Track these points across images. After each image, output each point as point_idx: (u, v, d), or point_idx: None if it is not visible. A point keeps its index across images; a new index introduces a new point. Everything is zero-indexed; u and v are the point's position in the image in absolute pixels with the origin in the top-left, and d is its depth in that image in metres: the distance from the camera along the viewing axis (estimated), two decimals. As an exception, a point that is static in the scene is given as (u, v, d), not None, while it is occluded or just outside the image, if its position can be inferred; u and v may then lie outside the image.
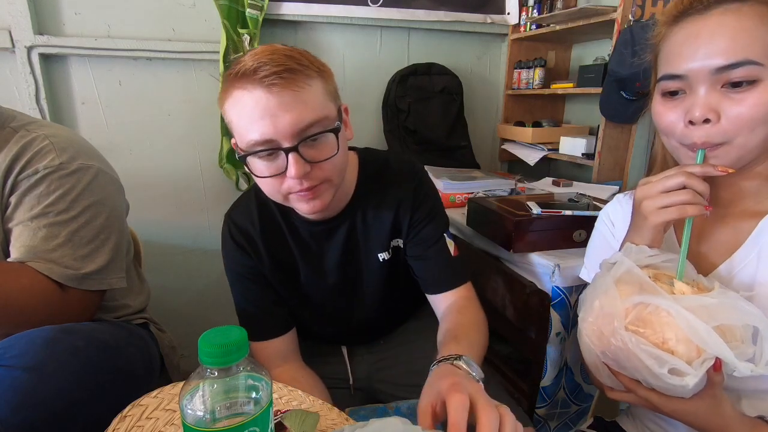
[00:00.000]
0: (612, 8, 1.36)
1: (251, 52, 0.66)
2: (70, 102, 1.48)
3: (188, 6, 1.52)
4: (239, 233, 0.82)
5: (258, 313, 0.84)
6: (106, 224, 0.83)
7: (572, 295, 1.00)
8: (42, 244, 0.75)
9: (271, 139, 0.64)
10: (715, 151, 0.56)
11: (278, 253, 0.83)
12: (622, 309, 0.53)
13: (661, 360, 0.49)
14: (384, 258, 0.86)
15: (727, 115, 0.54)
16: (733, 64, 0.53)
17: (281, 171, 0.66)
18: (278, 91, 0.63)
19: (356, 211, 0.83)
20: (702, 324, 0.48)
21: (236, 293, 0.85)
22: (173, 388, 0.59)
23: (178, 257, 1.70)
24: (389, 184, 0.83)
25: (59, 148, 0.79)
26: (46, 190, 0.76)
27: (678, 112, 0.58)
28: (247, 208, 0.83)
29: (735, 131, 0.55)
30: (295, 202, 0.71)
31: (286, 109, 0.63)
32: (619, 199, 0.80)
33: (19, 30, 1.35)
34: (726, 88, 0.54)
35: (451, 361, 0.63)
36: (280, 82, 0.62)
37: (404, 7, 1.69)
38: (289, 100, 0.63)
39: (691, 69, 0.56)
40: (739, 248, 0.60)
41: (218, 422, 0.38)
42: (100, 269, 0.80)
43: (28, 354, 0.63)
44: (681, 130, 0.58)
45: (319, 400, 0.64)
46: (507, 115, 1.94)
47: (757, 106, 0.53)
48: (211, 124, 1.58)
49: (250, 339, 0.82)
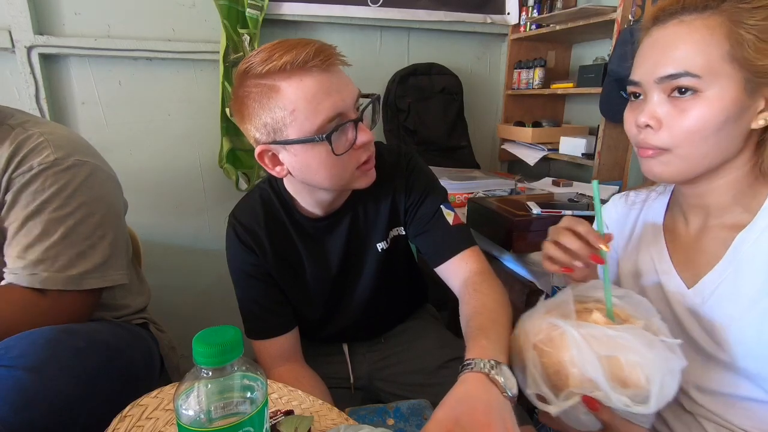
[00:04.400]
0: (612, 8, 1.36)
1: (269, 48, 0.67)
2: (70, 102, 1.49)
3: (188, 6, 1.52)
4: (245, 232, 0.82)
5: (262, 312, 0.85)
6: (103, 221, 0.83)
7: (572, 295, 1.00)
8: (37, 241, 0.75)
9: (341, 113, 0.68)
10: (660, 156, 0.59)
11: (283, 250, 0.84)
12: (537, 328, 0.55)
13: (536, 383, 0.53)
14: (382, 248, 0.88)
15: (670, 125, 0.57)
16: (672, 74, 0.55)
17: (353, 144, 0.70)
18: (335, 69, 0.68)
19: (357, 203, 0.85)
20: (589, 351, 0.49)
21: (240, 292, 0.86)
22: (173, 388, 0.59)
23: (178, 257, 1.70)
24: (384, 174, 0.84)
25: (55, 145, 0.79)
26: (41, 186, 0.76)
27: (634, 115, 0.61)
28: (252, 207, 0.85)
29: (676, 141, 0.56)
30: (358, 178, 0.75)
31: (345, 83, 0.69)
32: (614, 201, 0.81)
33: (19, 30, 1.35)
34: (673, 97, 0.56)
35: (487, 370, 0.57)
36: (329, 60, 0.67)
37: (404, 7, 1.69)
38: (342, 75, 0.70)
39: (642, 76, 0.59)
40: (720, 261, 0.61)
41: (213, 422, 0.38)
42: (97, 266, 0.80)
43: (29, 354, 0.63)
44: (633, 132, 0.62)
45: (319, 400, 0.64)
46: (507, 115, 1.94)
47: (698, 119, 0.54)
48: (211, 124, 1.58)
49: (253, 337, 0.84)
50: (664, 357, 0.49)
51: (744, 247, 0.58)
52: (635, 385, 0.48)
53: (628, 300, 0.57)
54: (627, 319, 0.55)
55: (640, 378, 0.48)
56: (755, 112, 0.55)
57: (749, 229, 0.58)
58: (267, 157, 0.73)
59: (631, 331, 0.50)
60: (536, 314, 0.58)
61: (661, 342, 0.51)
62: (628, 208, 0.77)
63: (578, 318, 0.55)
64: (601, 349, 0.49)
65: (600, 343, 0.49)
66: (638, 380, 0.48)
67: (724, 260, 0.60)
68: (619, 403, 0.48)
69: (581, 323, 0.53)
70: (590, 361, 0.49)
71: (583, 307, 0.57)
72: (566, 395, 0.50)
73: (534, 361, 0.53)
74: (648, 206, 0.74)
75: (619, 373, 0.49)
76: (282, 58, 0.64)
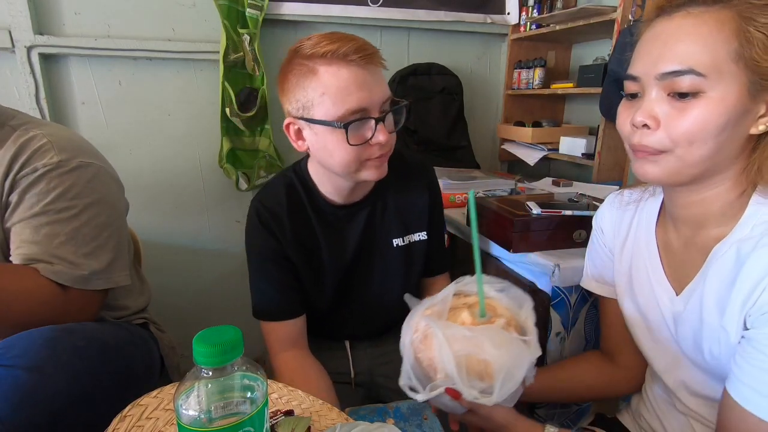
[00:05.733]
0: (612, 8, 1.36)
1: (322, 37, 0.73)
2: (70, 102, 1.49)
3: (188, 6, 1.52)
4: (267, 213, 0.86)
5: (273, 294, 0.88)
6: (108, 222, 0.83)
7: (572, 295, 1.00)
8: (45, 242, 0.75)
9: (364, 108, 0.73)
10: (655, 156, 0.56)
11: (302, 233, 0.88)
12: (416, 326, 0.62)
13: (408, 377, 0.61)
14: (398, 244, 0.94)
15: (668, 124, 0.54)
16: (677, 71, 0.52)
17: (367, 140, 0.75)
18: (372, 67, 0.74)
19: (377, 198, 0.92)
20: (448, 351, 0.57)
21: (254, 272, 0.89)
22: (173, 388, 0.59)
23: (178, 257, 1.70)
24: (407, 176, 0.94)
25: (58, 147, 0.79)
26: (45, 188, 0.76)
27: (629, 113, 0.58)
28: (275, 190, 0.89)
29: (673, 142, 0.54)
30: (368, 168, 0.79)
31: (377, 83, 0.75)
32: (610, 201, 0.80)
33: (19, 30, 1.35)
34: (672, 97, 0.53)
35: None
36: (369, 58, 0.73)
37: (404, 7, 1.69)
38: (378, 76, 0.75)
39: (641, 71, 0.56)
40: (699, 271, 0.60)
41: (214, 422, 0.38)
42: (104, 268, 0.80)
43: (28, 354, 0.63)
44: (627, 131, 0.59)
45: (319, 400, 0.64)
46: (507, 115, 1.94)
47: (698, 120, 0.52)
48: (211, 124, 1.58)
49: (260, 317, 0.88)
50: (511, 353, 0.58)
51: (714, 259, 0.58)
52: (488, 379, 0.57)
53: (507, 292, 0.66)
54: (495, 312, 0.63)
55: (490, 374, 0.57)
56: (756, 117, 0.53)
57: (724, 242, 0.57)
58: (293, 130, 0.80)
59: (486, 332, 0.59)
60: (417, 312, 0.64)
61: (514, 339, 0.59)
62: (623, 208, 0.76)
63: (450, 317, 0.63)
64: (459, 348, 0.58)
65: (459, 343, 0.58)
66: (489, 375, 0.57)
67: (701, 270, 0.60)
68: (470, 396, 0.57)
69: (448, 324, 0.61)
70: (448, 360, 0.58)
71: (462, 303, 0.65)
72: (431, 387, 0.59)
73: (409, 357, 0.61)
74: (641, 208, 0.73)
75: (475, 368, 0.58)
76: (327, 46, 0.71)
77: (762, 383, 0.50)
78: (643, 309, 0.70)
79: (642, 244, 0.71)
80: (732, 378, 0.54)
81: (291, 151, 1.72)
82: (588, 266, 0.84)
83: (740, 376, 0.53)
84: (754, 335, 0.52)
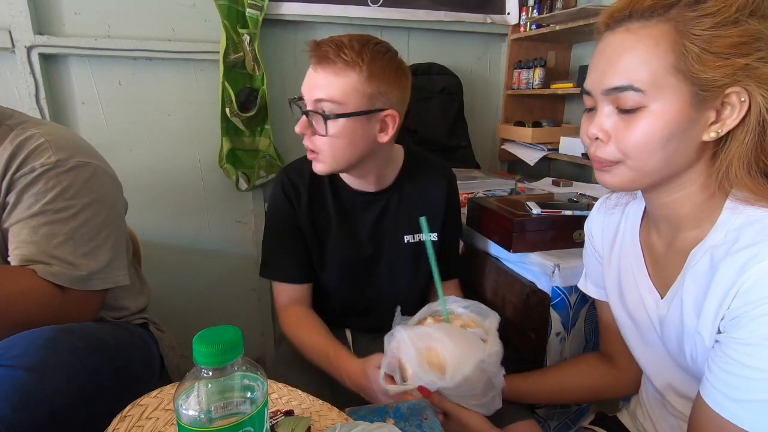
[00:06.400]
0: (612, 8, 1.36)
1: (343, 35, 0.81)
2: (70, 102, 1.49)
3: (188, 6, 1.52)
4: (289, 184, 0.94)
5: (281, 252, 0.96)
6: (107, 222, 0.83)
7: (572, 295, 1.00)
8: (43, 242, 0.75)
9: (301, 98, 0.83)
10: (610, 167, 0.57)
11: (318, 211, 0.95)
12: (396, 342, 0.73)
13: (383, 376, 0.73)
14: (408, 240, 0.98)
15: (617, 137, 0.55)
16: (617, 87, 0.53)
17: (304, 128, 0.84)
18: (322, 67, 0.79)
19: (394, 192, 0.97)
20: (410, 346, 0.69)
21: (267, 229, 0.98)
22: (173, 388, 0.59)
23: (178, 257, 1.70)
24: (427, 176, 0.99)
25: (56, 146, 0.78)
26: (43, 188, 0.76)
27: (586, 126, 0.59)
28: (301, 167, 0.96)
29: (624, 153, 0.55)
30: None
31: (316, 84, 0.79)
32: (599, 205, 0.80)
33: (19, 30, 1.35)
34: (619, 111, 0.55)
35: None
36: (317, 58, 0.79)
37: (404, 7, 1.69)
38: (327, 77, 0.78)
39: (591, 86, 0.57)
40: (679, 274, 0.61)
41: (214, 422, 0.38)
42: (102, 268, 0.80)
43: (28, 354, 0.63)
44: (586, 143, 0.60)
45: (319, 400, 0.64)
46: (507, 115, 1.94)
47: (643, 133, 0.53)
48: (211, 124, 1.58)
49: (265, 275, 0.97)
50: (462, 343, 0.68)
51: (692, 263, 0.58)
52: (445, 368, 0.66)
53: (472, 308, 0.78)
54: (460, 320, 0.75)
55: (446, 363, 0.66)
56: (705, 125, 0.52)
57: (699, 247, 0.57)
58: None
59: (442, 329, 0.70)
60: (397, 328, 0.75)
61: (467, 333, 0.71)
62: (610, 212, 0.76)
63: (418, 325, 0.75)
64: (420, 344, 0.68)
65: (421, 340, 0.69)
66: (445, 364, 0.66)
67: (681, 273, 0.60)
68: (430, 384, 0.67)
69: (414, 328, 0.73)
70: (410, 355, 0.68)
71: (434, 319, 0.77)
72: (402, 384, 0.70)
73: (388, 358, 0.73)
74: (627, 211, 0.74)
75: (435, 360, 0.67)
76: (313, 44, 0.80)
77: (731, 387, 0.51)
78: (632, 312, 0.70)
79: (628, 247, 0.71)
80: (704, 381, 0.55)
81: (291, 151, 1.72)
82: (586, 272, 0.85)
83: (711, 380, 0.53)
84: (725, 340, 0.52)
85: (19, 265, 0.74)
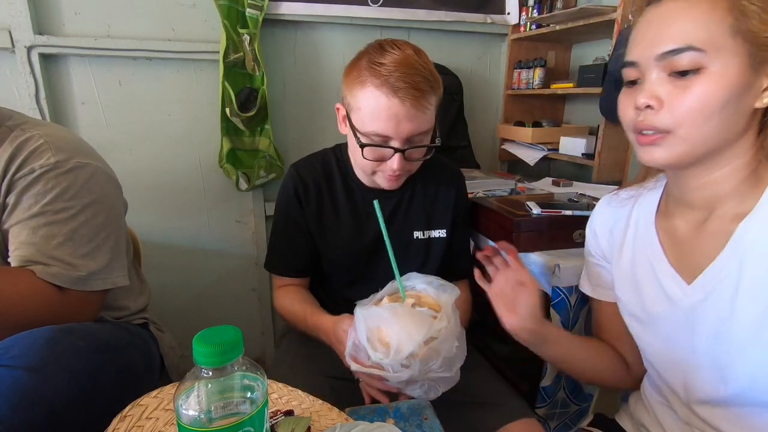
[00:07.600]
0: (612, 8, 1.36)
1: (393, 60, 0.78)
2: (70, 102, 1.49)
3: (188, 6, 1.52)
4: (300, 182, 0.96)
5: (286, 251, 1.00)
6: (106, 222, 0.83)
7: (572, 295, 1.00)
8: (42, 243, 0.75)
9: (389, 136, 0.81)
10: (660, 140, 0.56)
11: (325, 208, 0.97)
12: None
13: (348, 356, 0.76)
14: (418, 237, 1.00)
15: (671, 104, 0.54)
16: (675, 49, 0.52)
17: (384, 160, 0.85)
18: (409, 104, 0.77)
19: (407, 189, 0.98)
20: (363, 325, 0.72)
21: (275, 227, 1.01)
22: (173, 388, 0.59)
23: (178, 257, 1.70)
24: (438, 175, 1.01)
25: (55, 147, 0.78)
26: (42, 189, 0.76)
27: (631, 99, 0.58)
28: (312, 162, 0.99)
29: (677, 121, 0.53)
30: (380, 178, 0.90)
31: (411, 118, 0.79)
32: (605, 202, 0.79)
33: (19, 30, 1.35)
34: (673, 76, 0.53)
35: None
36: (413, 100, 0.77)
37: (404, 7, 1.69)
38: (417, 113, 0.79)
39: (639, 55, 0.56)
40: (721, 253, 0.58)
41: (214, 422, 0.38)
42: (102, 269, 0.80)
43: (28, 354, 0.63)
44: (630, 116, 0.58)
45: (319, 400, 0.64)
46: (507, 115, 1.94)
47: (701, 97, 0.51)
48: (211, 124, 1.58)
49: (270, 270, 1.00)
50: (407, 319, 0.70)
51: (747, 238, 0.55)
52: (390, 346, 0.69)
53: (434, 284, 0.79)
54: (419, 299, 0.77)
55: (390, 341, 0.69)
56: (759, 90, 0.52)
57: (751, 218, 0.55)
58: (340, 114, 0.89)
59: (390, 309, 0.72)
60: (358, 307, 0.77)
61: (415, 311, 0.73)
62: (620, 206, 0.75)
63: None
64: (371, 323, 0.71)
65: (371, 319, 0.72)
66: (390, 342, 0.69)
67: (726, 252, 0.57)
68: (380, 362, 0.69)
69: (368, 307, 0.74)
70: (362, 334, 0.71)
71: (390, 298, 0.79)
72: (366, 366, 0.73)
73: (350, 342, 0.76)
74: (639, 203, 0.72)
75: (384, 339, 0.70)
76: (386, 69, 0.77)
77: None
78: (649, 305, 0.67)
79: (643, 237, 0.69)
80: None
81: (291, 151, 1.72)
82: (584, 270, 0.84)
83: None
84: None
85: (19, 266, 0.74)
